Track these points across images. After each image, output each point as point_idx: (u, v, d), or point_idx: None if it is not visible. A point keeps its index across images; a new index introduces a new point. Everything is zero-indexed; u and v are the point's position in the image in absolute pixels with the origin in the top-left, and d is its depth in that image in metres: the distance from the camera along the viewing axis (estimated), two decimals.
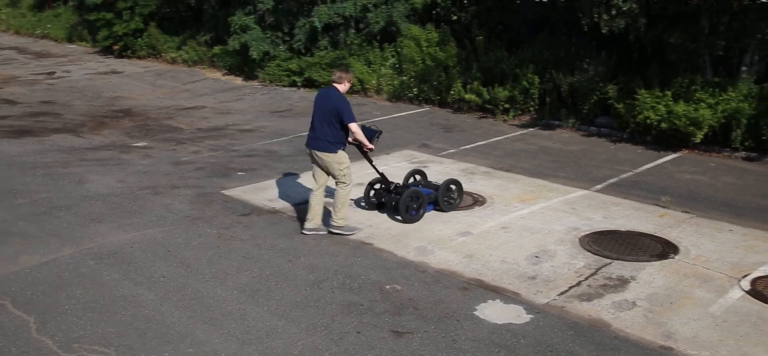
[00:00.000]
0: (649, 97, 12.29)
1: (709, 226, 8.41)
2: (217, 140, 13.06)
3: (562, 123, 13.90)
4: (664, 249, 7.67)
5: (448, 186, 8.92)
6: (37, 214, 8.76)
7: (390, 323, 6.04)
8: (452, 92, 15.31)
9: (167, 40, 23.42)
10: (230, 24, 19.34)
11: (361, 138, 7.98)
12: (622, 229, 8.30)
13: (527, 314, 6.21)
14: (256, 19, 19.07)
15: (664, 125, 12.00)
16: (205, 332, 5.88)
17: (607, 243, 7.81)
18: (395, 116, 14.97)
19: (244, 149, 12.36)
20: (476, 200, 9.32)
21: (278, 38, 18.93)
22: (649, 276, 6.97)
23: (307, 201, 8.17)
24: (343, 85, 7.95)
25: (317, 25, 17.57)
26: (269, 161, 11.47)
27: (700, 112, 11.62)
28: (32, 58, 25.00)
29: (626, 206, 9.17)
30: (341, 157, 7.91)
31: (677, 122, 11.79)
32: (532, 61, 14.66)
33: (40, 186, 9.94)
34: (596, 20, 12.25)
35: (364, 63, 17.45)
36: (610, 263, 7.27)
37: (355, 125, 7.83)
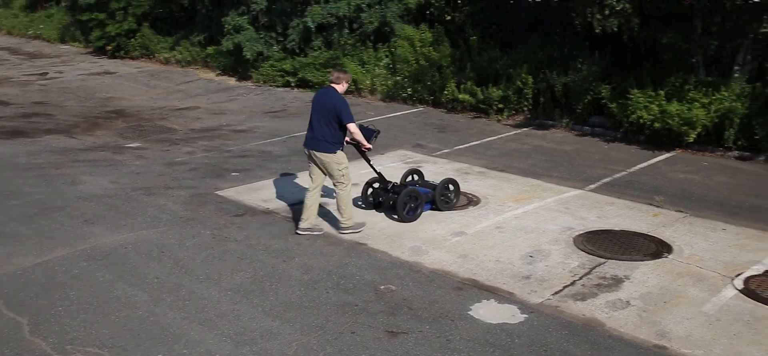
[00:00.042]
0: (641, 97, 12.33)
1: (703, 225, 8.44)
2: (211, 141, 13.04)
3: (556, 123, 13.93)
4: (658, 248, 7.69)
5: (445, 185, 8.93)
6: (30, 215, 8.72)
7: (385, 323, 6.03)
8: (446, 92, 15.32)
9: (160, 41, 23.37)
10: (224, 24, 19.31)
11: (360, 138, 8.01)
12: (616, 229, 8.32)
13: (522, 314, 6.22)
14: (249, 20, 19.05)
15: (657, 125, 12.03)
16: (200, 333, 5.86)
17: (601, 243, 7.83)
18: (389, 116, 14.97)
19: (237, 150, 12.34)
20: (470, 200, 9.32)
21: (272, 38, 18.91)
22: (643, 275, 6.99)
23: (303, 201, 8.16)
24: (341, 86, 7.97)
25: (310, 25, 17.55)
26: (263, 161, 11.45)
27: (694, 111, 11.66)
28: (24, 59, 24.91)
29: (620, 205, 9.19)
30: (340, 157, 7.93)
31: (670, 122, 11.83)
32: (526, 60, 14.69)
33: (33, 187, 9.90)
34: (589, 20, 12.28)
35: (358, 63, 17.45)
36: (604, 262, 7.29)
37: (353, 125, 7.85)
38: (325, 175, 8.06)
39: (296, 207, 8.95)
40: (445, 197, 8.89)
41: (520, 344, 5.70)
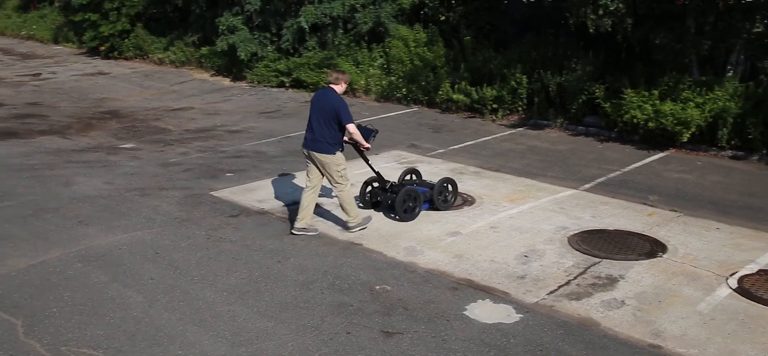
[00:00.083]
0: (635, 97, 12.36)
1: (697, 225, 8.47)
2: (206, 141, 13.02)
3: (551, 123, 13.95)
4: (653, 247, 7.71)
5: (443, 185, 8.97)
6: (24, 217, 8.69)
7: (380, 323, 6.03)
8: (440, 92, 15.33)
9: (154, 41, 23.31)
10: (218, 25, 19.28)
11: (359, 139, 8.05)
12: (611, 228, 8.34)
13: (517, 313, 6.23)
14: (243, 20, 19.02)
15: (651, 124, 12.06)
16: (195, 334, 5.85)
17: (596, 243, 7.84)
18: (384, 116, 14.97)
19: (232, 150, 12.32)
20: (465, 200, 9.33)
21: (266, 39, 18.88)
22: (638, 274, 7.00)
23: (299, 201, 8.15)
24: (339, 87, 7.99)
25: (304, 25, 17.54)
26: (258, 162, 11.44)
27: (689, 111, 11.69)
28: (18, 60, 24.82)
29: (614, 205, 9.21)
30: (339, 158, 7.95)
31: (664, 121, 11.86)
32: (520, 60, 14.71)
33: (27, 188, 9.87)
34: (583, 20, 12.31)
35: (353, 63, 17.44)
36: (599, 262, 7.30)
37: (353, 126, 7.88)
38: (323, 175, 8.07)
39: (291, 208, 8.96)
40: (443, 196, 8.93)
41: (516, 344, 5.71)
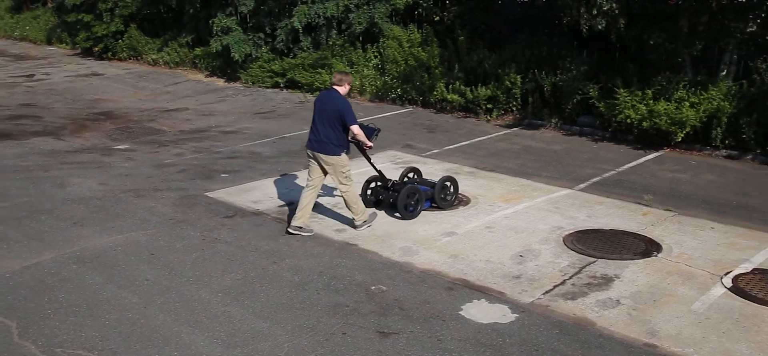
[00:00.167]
0: (628, 97, 12.39)
1: (691, 224, 8.49)
2: (200, 142, 12.99)
3: (545, 122, 13.97)
4: (647, 247, 7.73)
5: (444, 183, 9.03)
6: (18, 218, 8.66)
7: (376, 324, 6.03)
8: (435, 92, 15.34)
9: (148, 42, 23.27)
10: (212, 26, 19.25)
11: (363, 139, 8.09)
12: (606, 228, 8.35)
13: (512, 313, 6.23)
14: (237, 21, 19.00)
15: (645, 124, 12.09)
16: (190, 335, 5.84)
17: (591, 242, 7.86)
18: (378, 117, 14.96)
19: (227, 151, 12.30)
20: (461, 200, 9.34)
21: (260, 40, 18.87)
22: (633, 274, 7.02)
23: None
24: (343, 88, 8.03)
25: (297, 25, 17.53)
26: (253, 163, 11.42)
27: (684, 111, 11.72)
28: (11, 61, 24.74)
29: (609, 205, 9.23)
30: (344, 159, 8.00)
31: (658, 121, 11.89)
32: (514, 60, 14.73)
33: (21, 189, 9.83)
34: (577, 19, 12.33)
35: (347, 64, 17.44)
36: (594, 261, 7.31)
37: (357, 127, 7.93)
38: (325, 175, 8.11)
39: (286, 208, 8.96)
40: (444, 195, 8.99)
41: (511, 343, 5.71)
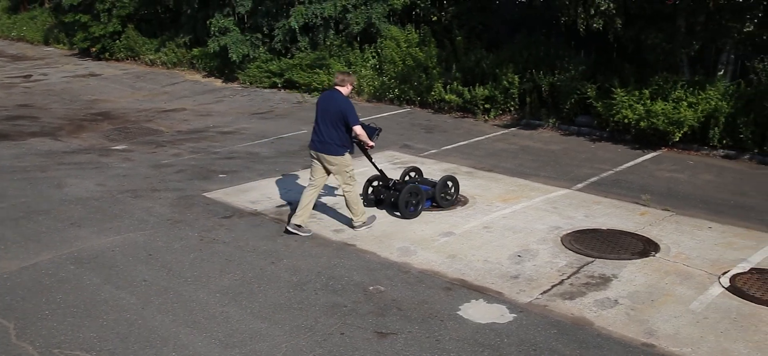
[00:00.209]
0: (626, 97, 12.39)
1: (689, 224, 8.50)
2: (198, 142, 12.98)
3: (543, 122, 13.98)
4: (645, 247, 7.73)
5: (445, 182, 9.05)
6: (16, 219, 8.64)
7: (374, 324, 6.03)
8: (433, 92, 15.34)
9: (146, 42, 23.25)
10: (209, 26, 19.24)
11: (365, 139, 8.11)
12: (604, 228, 8.36)
13: (510, 313, 6.24)
14: (235, 21, 18.98)
15: (643, 124, 12.10)
16: (188, 335, 5.84)
17: (589, 242, 7.86)
18: (376, 117, 14.95)
19: (225, 151, 12.29)
20: (459, 200, 9.34)
21: (258, 40, 18.85)
22: (631, 274, 7.02)
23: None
24: (345, 88, 8.04)
25: (294, 25, 17.52)
26: (250, 163, 11.41)
27: (682, 111, 11.73)
28: (8, 61, 24.71)
29: (607, 205, 9.24)
30: (347, 159, 8.02)
31: (655, 121, 11.90)
32: (512, 60, 14.73)
33: (18, 190, 9.82)
34: (574, 19, 12.33)
35: (345, 64, 17.44)
36: (592, 261, 7.32)
37: (359, 128, 7.95)
38: (328, 175, 8.14)
39: (284, 209, 8.95)
40: (445, 194, 9.00)
41: (509, 343, 5.71)
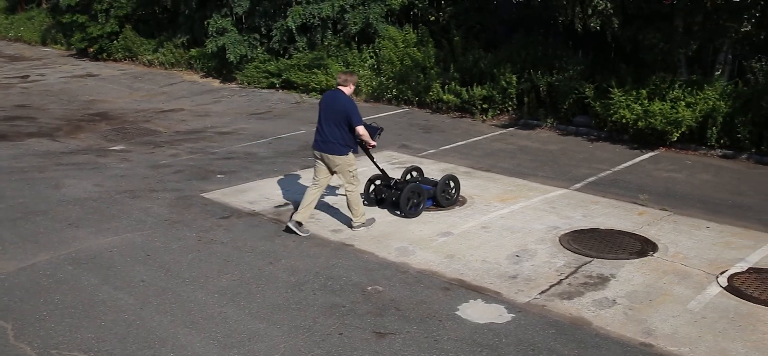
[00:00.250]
0: (623, 97, 12.40)
1: (687, 223, 8.50)
2: (196, 143, 12.97)
3: (541, 122, 13.98)
4: (643, 246, 7.74)
5: (446, 182, 9.06)
6: (13, 219, 8.63)
7: (372, 324, 6.03)
8: (431, 93, 15.35)
9: (143, 43, 23.24)
10: (207, 26, 19.23)
11: (367, 138, 8.13)
12: (602, 227, 8.36)
13: (509, 313, 6.24)
14: (232, 21, 18.97)
15: (640, 124, 12.11)
16: (186, 336, 5.83)
17: (587, 242, 7.86)
18: (374, 117, 14.93)
19: (223, 151, 12.28)
20: (457, 200, 9.34)
21: (255, 40, 18.85)
22: (629, 273, 7.03)
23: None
24: (348, 88, 8.06)
25: (291, 25, 17.51)
26: (249, 163, 11.41)
27: (680, 111, 11.74)
28: (5, 62, 24.67)
29: (605, 204, 9.24)
30: (351, 159, 8.04)
31: (653, 121, 11.91)
32: (510, 60, 14.75)
33: (16, 191, 9.81)
34: (571, 19, 12.34)
35: (343, 64, 17.44)
36: (590, 261, 7.32)
37: (362, 128, 7.96)
38: (331, 175, 8.16)
39: (282, 209, 8.95)
40: (446, 193, 9.02)
41: (508, 343, 5.71)
